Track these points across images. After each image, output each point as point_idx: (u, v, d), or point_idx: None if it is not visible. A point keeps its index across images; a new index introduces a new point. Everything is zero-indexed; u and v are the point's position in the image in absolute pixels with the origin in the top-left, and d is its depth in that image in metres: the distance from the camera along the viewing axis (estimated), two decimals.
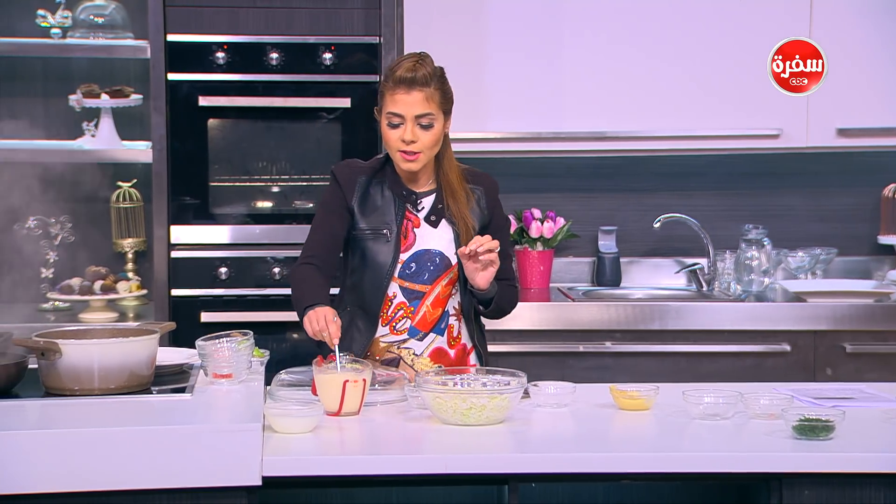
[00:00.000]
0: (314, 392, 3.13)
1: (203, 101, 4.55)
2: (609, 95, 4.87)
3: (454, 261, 3.46)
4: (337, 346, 3.16)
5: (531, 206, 5.08)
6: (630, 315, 4.65)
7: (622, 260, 5.15)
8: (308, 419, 2.91)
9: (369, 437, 2.97)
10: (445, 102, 3.43)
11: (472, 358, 3.53)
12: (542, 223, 5.01)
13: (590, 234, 5.16)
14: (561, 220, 5.05)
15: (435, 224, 3.48)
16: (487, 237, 3.34)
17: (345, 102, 4.60)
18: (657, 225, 5.03)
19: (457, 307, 3.50)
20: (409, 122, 3.37)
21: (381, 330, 3.47)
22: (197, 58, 4.55)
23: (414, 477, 2.80)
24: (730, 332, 4.64)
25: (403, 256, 3.45)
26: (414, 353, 3.47)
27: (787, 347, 4.63)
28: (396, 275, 3.45)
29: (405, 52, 4.66)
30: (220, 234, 4.60)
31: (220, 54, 4.55)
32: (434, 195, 3.50)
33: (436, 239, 3.48)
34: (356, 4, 4.58)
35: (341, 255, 3.53)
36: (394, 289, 3.45)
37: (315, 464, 2.76)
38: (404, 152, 3.40)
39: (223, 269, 4.56)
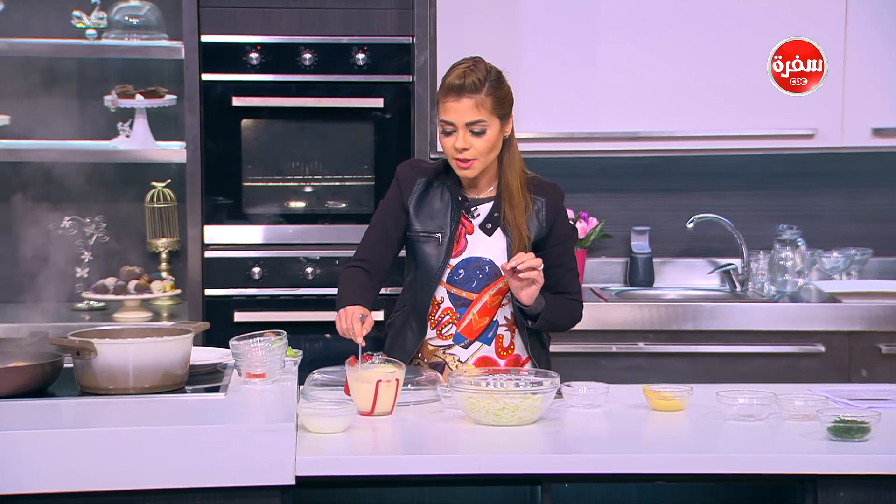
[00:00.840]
0: (347, 392, 3.13)
1: (237, 102, 4.57)
2: (642, 95, 4.86)
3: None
4: (361, 347, 3.16)
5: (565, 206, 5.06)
6: (663, 315, 4.63)
7: (655, 260, 5.14)
8: (341, 419, 2.92)
9: (402, 437, 2.97)
10: (500, 107, 3.38)
11: (529, 368, 3.46)
12: (575, 223, 5.00)
13: (623, 234, 5.15)
14: (594, 221, 5.04)
15: (490, 232, 3.45)
16: (530, 255, 3.29)
17: (377, 103, 4.61)
18: (690, 225, 5.02)
19: (508, 317, 3.46)
20: (460, 129, 3.35)
21: (430, 333, 3.47)
22: (230, 58, 4.56)
23: (447, 477, 2.80)
24: (764, 332, 4.62)
25: (453, 262, 3.43)
26: (458, 360, 3.46)
27: (822, 348, 4.61)
28: (445, 279, 3.44)
29: (437, 53, 4.69)
30: (253, 234, 4.61)
31: (254, 55, 4.57)
32: (492, 202, 3.46)
33: (488, 247, 3.45)
34: (389, 5, 4.58)
35: (401, 253, 3.52)
36: (441, 293, 3.45)
37: (348, 463, 2.77)
38: (458, 160, 3.37)
39: (256, 269, 4.58)
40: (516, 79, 4.80)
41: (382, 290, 4.49)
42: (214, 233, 4.59)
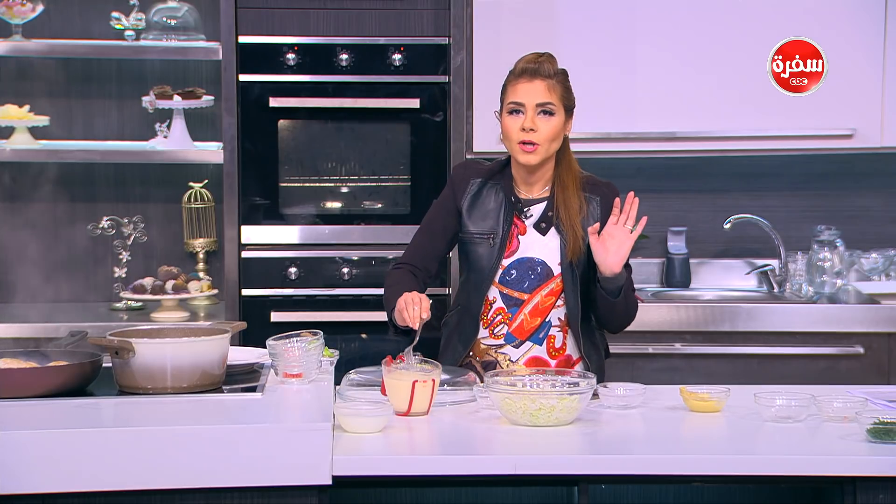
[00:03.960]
0: (383, 392, 3.13)
1: (273, 103, 4.58)
2: (680, 95, 4.84)
3: (557, 271, 3.44)
4: (417, 335, 3.20)
5: None
6: (700, 316, 4.61)
7: (692, 261, 5.11)
8: (378, 419, 2.92)
9: (438, 438, 2.97)
10: (567, 99, 3.44)
11: (579, 368, 3.47)
12: None
13: (659, 234, 5.13)
14: None
15: (544, 232, 3.46)
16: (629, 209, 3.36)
17: (414, 103, 4.61)
18: (728, 226, 4.99)
19: (562, 318, 3.46)
20: (529, 110, 3.39)
21: (482, 332, 3.48)
22: (268, 59, 4.58)
23: (483, 477, 2.80)
24: (802, 334, 4.60)
25: (505, 262, 3.45)
26: (510, 360, 3.47)
27: (861, 350, 4.58)
28: (497, 280, 3.45)
29: (474, 53, 4.68)
30: (289, 234, 4.62)
31: (291, 55, 4.58)
32: (546, 203, 3.48)
33: (541, 247, 3.46)
34: (426, 5, 4.58)
35: (450, 254, 3.55)
36: (494, 293, 3.46)
37: (385, 463, 2.77)
38: (523, 143, 3.39)
39: (293, 270, 4.59)
40: None
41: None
42: (251, 233, 4.61)
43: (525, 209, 3.47)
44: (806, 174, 5.13)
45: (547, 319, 3.45)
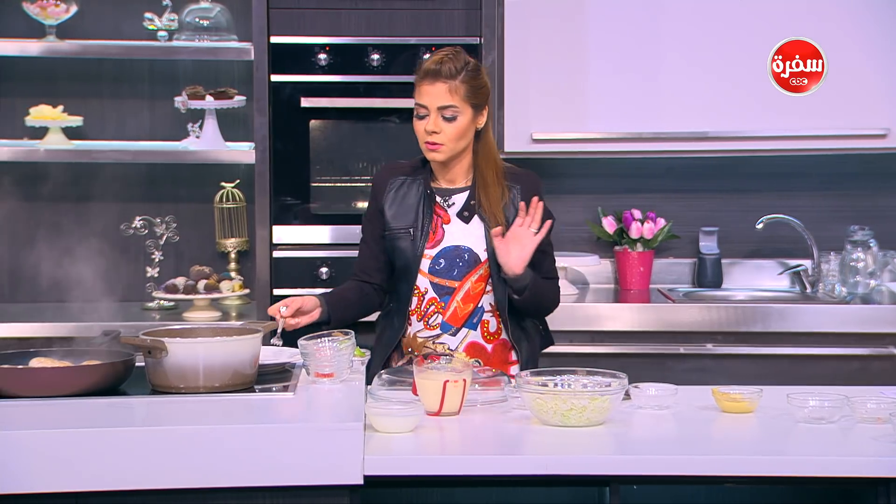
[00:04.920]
0: (414, 392, 3.14)
1: (305, 103, 4.60)
2: (710, 95, 4.82)
3: (483, 257, 3.51)
4: (279, 328, 3.34)
5: (631, 206, 5.04)
6: (732, 317, 4.60)
7: (724, 261, 5.10)
8: (409, 419, 2.92)
9: (469, 438, 2.97)
10: (474, 97, 3.46)
11: (514, 355, 3.58)
12: (643, 224, 4.98)
13: (691, 234, 5.11)
14: (661, 221, 5.01)
15: (467, 220, 3.53)
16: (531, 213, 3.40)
17: None
18: (760, 226, 4.97)
19: (493, 303, 3.53)
20: (432, 112, 3.45)
21: (417, 325, 3.54)
22: (299, 59, 4.59)
23: (514, 478, 2.80)
24: (834, 334, 4.57)
25: (431, 252, 3.52)
26: (448, 348, 3.53)
27: (894, 351, 4.55)
28: (427, 270, 3.51)
29: (505, 53, 4.69)
30: (321, 234, 4.63)
31: (322, 56, 4.59)
32: (468, 192, 3.54)
33: (466, 235, 3.52)
34: (457, 5, 4.59)
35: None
36: (424, 284, 3.52)
37: (416, 463, 2.77)
38: (428, 143, 3.47)
39: (324, 269, 4.60)
40: (583, 79, 4.84)
41: None
42: (282, 233, 4.63)
43: (446, 199, 3.54)
44: (838, 174, 5.10)
45: (479, 305, 3.52)
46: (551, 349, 4.49)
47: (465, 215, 3.54)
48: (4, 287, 4.91)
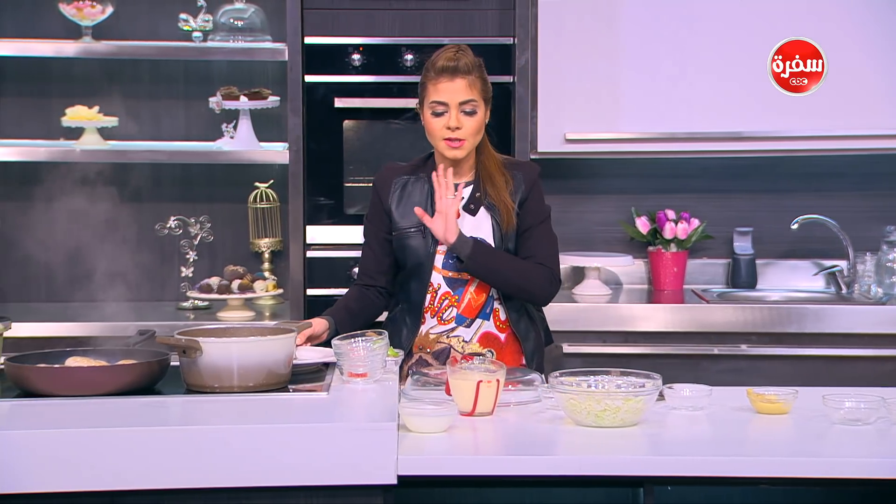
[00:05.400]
0: (448, 392, 3.14)
1: (338, 103, 4.61)
2: (745, 95, 4.81)
3: (494, 245, 3.53)
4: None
5: (665, 206, 5.03)
6: (766, 317, 4.58)
7: (758, 261, 5.07)
8: (442, 419, 2.92)
9: (503, 438, 2.97)
10: (486, 91, 3.51)
11: (520, 346, 3.61)
12: (676, 224, 4.96)
13: (725, 235, 5.09)
14: (695, 221, 4.99)
15: (474, 212, 3.55)
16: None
17: None
18: (795, 226, 4.95)
19: (497, 291, 3.57)
20: (453, 108, 3.46)
21: (430, 322, 3.56)
22: (333, 60, 4.60)
23: (548, 478, 2.79)
24: (870, 335, 4.54)
25: (443, 248, 3.52)
26: (463, 340, 3.55)
27: None
28: (440, 266, 3.53)
29: (538, 53, 4.68)
30: (354, 234, 4.64)
31: (356, 56, 4.60)
32: (472, 185, 3.57)
33: (474, 227, 3.54)
34: (490, 5, 4.58)
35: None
36: (437, 280, 3.54)
37: (449, 463, 2.77)
38: (449, 140, 3.48)
39: (357, 269, 4.60)
40: (617, 79, 4.83)
41: None
42: (316, 233, 4.64)
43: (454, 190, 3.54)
44: (875, 174, 5.07)
45: (490, 294, 3.55)
46: (585, 349, 4.49)
47: (471, 208, 3.55)
48: (41, 287, 4.95)
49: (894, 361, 4.53)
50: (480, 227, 3.55)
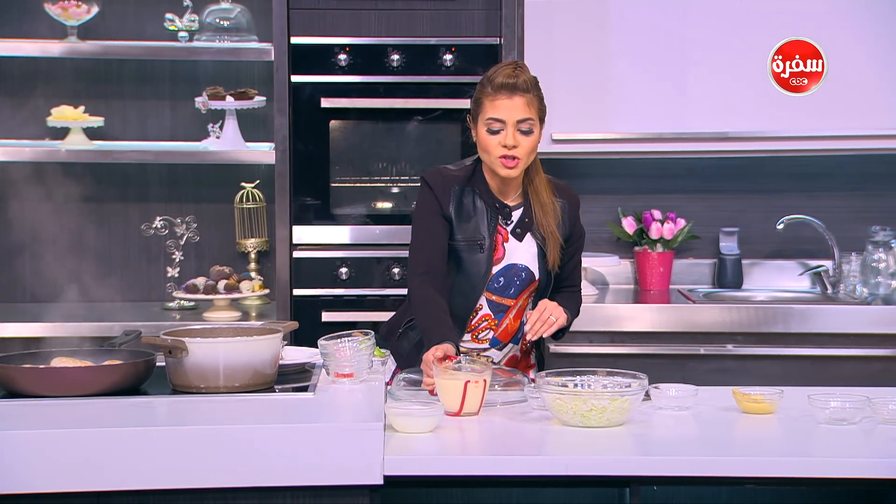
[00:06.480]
0: (431, 392, 3.13)
1: (325, 103, 4.60)
2: (732, 95, 4.82)
3: (538, 275, 3.46)
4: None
5: (652, 206, 5.03)
6: (752, 317, 4.59)
7: (744, 261, 5.08)
8: (429, 419, 2.92)
9: (490, 438, 2.97)
10: (542, 110, 3.41)
11: (532, 358, 3.58)
12: (663, 224, 4.97)
13: (711, 235, 5.10)
14: (681, 222, 5.00)
15: (520, 238, 3.47)
16: (541, 313, 3.32)
17: (465, 103, 4.54)
18: (781, 226, 4.96)
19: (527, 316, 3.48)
20: (510, 126, 3.35)
21: (465, 336, 3.48)
22: (319, 60, 4.59)
23: (534, 478, 2.79)
24: (856, 335, 4.55)
25: (494, 269, 3.44)
26: (492, 361, 3.49)
27: None
28: (486, 288, 3.45)
29: (525, 53, 4.68)
30: (340, 234, 4.64)
31: (342, 56, 4.59)
32: (522, 209, 3.48)
33: (522, 253, 3.47)
34: (477, 6, 4.58)
35: None
36: (481, 301, 3.46)
37: (436, 463, 2.77)
38: (505, 158, 3.36)
39: (344, 270, 4.61)
40: (605, 79, 4.84)
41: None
42: (302, 233, 4.63)
43: (509, 214, 3.47)
44: (860, 174, 5.08)
45: (522, 320, 3.49)
46: (571, 349, 4.50)
47: (518, 233, 3.47)
48: (26, 287, 4.93)
49: (879, 361, 4.54)
50: (528, 252, 3.46)
